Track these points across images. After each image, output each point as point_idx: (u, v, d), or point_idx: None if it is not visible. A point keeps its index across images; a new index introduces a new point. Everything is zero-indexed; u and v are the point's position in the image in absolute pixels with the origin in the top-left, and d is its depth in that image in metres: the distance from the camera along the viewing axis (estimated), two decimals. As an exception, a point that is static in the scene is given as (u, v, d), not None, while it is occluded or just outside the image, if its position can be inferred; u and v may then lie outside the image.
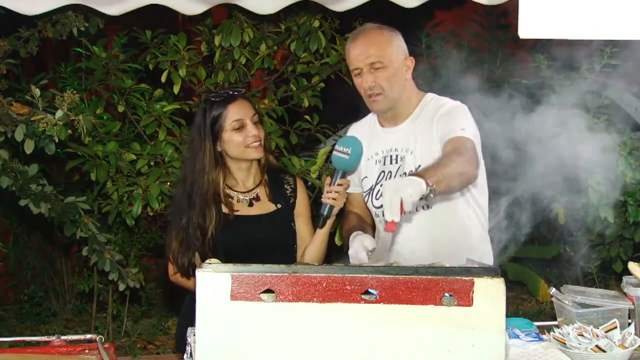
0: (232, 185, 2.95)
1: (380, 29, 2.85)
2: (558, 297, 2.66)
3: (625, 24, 2.75)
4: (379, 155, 2.90)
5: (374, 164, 2.91)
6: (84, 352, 2.49)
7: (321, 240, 2.89)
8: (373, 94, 2.79)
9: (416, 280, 2.01)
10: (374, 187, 2.90)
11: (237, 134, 2.87)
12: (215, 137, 2.88)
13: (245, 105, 2.91)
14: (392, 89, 2.79)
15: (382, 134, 2.92)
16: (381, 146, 2.90)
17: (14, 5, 3.02)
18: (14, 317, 5.91)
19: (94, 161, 4.30)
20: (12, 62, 4.55)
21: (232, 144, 2.87)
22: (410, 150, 2.83)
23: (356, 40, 2.84)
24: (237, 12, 4.44)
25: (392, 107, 2.84)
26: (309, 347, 2.00)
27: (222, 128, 2.87)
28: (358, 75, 2.82)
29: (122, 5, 3.16)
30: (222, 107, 2.87)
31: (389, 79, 2.78)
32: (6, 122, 3.90)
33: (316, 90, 4.81)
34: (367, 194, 2.93)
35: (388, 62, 2.77)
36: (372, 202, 2.91)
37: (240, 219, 2.89)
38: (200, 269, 2.02)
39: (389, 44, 2.80)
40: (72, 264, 5.99)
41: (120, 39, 4.70)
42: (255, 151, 2.89)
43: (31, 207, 4.04)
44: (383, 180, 2.87)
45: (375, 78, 2.77)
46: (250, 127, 2.87)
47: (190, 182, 2.89)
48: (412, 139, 2.83)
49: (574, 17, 2.75)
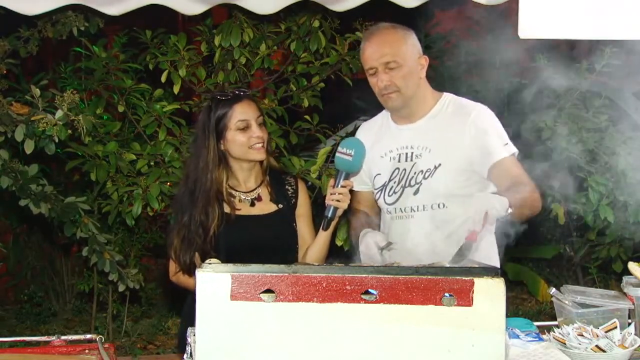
0: (234, 185, 2.95)
1: (394, 28, 2.86)
2: (558, 297, 2.66)
3: (625, 24, 2.75)
4: (393, 152, 2.91)
5: (388, 161, 2.91)
6: (84, 352, 2.49)
7: (324, 242, 2.89)
8: (388, 93, 2.80)
9: (416, 280, 2.01)
10: (387, 184, 2.90)
11: (241, 134, 2.87)
12: (219, 136, 2.88)
13: (251, 105, 2.91)
14: (408, 87, 2.81)
15: (397, 131, 2.93)
16: (395, 143, 2.91)
17: (14, 5, 3.02)
18: (14, 317, 5.91)
19: (94, 161, 4.29)
20: (12, 62, 4.55)
21: (236, 143, 2.88)
22: (428, 148, 2.84)
23: (370, 39, 2.85)
24: (237, 12, 4.44)
25: (406, 104, 2.85)
26: (309, 347, 2.00)
27: (226, 127, 2.87)
28: (373, 75, 2.82)
29: (122, 5, 3.16)
30: (228, 106, 2.88)
31: (404, 78, 2.79)
32: (6, 122, 3.89)
33: (316, 90, 4.81)
34: (380, 191, 2.93)
35: (403, 61, 2.79)
36: (385, 199, 2.91)
37: (242, 218, 2.89)
38: (200, 269, 2.02)
39: (403, 43, 2.82)
40: (72, 264, 5.99)
41: (120, 39, 4.70)
42: (258, 152, 2.89)
43: (31, 207, 4.04)
44: (397, 177, 2.87)
45: (391, 77, 2.78)
46: (255, 128, 2.88)
47: (193, 180, 2.89)
48: (431, 137, 2.84)
49: (574, 17, 2.75)
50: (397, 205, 2.88)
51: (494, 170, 2.76)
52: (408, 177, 2.85)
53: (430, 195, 2.81)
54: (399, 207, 2.87)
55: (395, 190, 2.88)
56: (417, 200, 2.83)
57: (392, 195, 2.89)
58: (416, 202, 2.83)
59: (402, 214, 2.87)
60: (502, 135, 2.82)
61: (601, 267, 5.51)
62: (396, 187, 2.88)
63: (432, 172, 2.82)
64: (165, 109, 4.41)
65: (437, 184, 2.80)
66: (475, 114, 2.83)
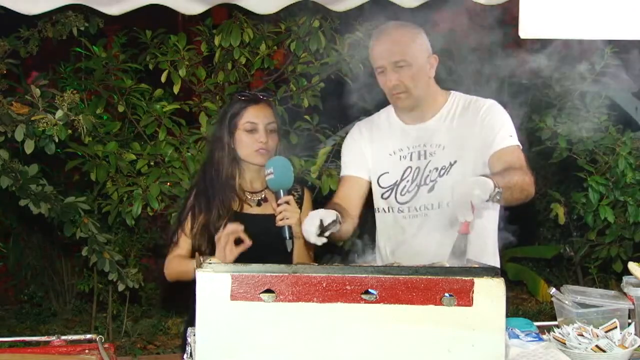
0: (242, 185, 2.98)
1: (403, 26, 2.84)
2: (558, 297, 2.65)
3: (625, 24, 2.75)
4: (404, 151, 2.88)
5: (398, 160, 2.88)
6: (84, 352, 2.49)
7: (302, 259, 2.88)
8: (397, 92, 2.79)
9: (416, 280, 2.01)
10: (398, 183, 2.88)
11: (247, 135, 2.91)
12: (230, 134, 2.93)
13: (265, 110, 2.93)
14: (417, 87, 2.79)
15: (408, 131, 2.90)
16: (406, 142, 2.88)
17: (14, 5, 3.01)
18: (14, 317, 5.91)
19: (94, 161, 4.29)
20: (12, 62, 4.55)
21: (242, 144, 2.92)
22: (442, 145, 2.82)
23: (380, 38, 2.83)
24: (237, 12, 4.44)
25: (416, 104, 2.83)
26: (309, 347, 2.00)
27: (236, 127, 2.92)
28: (382, 74, 2.80)
29: (122, 5, 3.15)
30: (242, 106, 2.93)
31: (413, 77, 2.77)
32: (6, 122, 3.90)
33: (316, 90, 4.81)
34: (390, 190, 2.90)
35: (412, 60, 2.76)
36: (397, 198, 2.89)
37: (247, 216, 2.91)
38: (200, 269, 2.02)
39: (412, 42, 2.79)
40: (72, 264, 5.99)
41: (120, 39, 4.69)
42: (260, 157, 2.91)
43: (31, 207, 4.04)
44: (410, 176, 2.85)
45: (399, 77, 2.76)
46: (262, 133, 2.90)
47: (215, 169, 2.95)
48: (444, 135, 2.83)
49: (574, 17, 2.76)
50: (411, 204, 2.85)
51: (491, 158, 2.73)
52: (423, 175, 2.83)
53: (446, 193, 2.79)
54: (413, 206, 2.85)
55: (409, 190, 2.85)
56: (431, 198, 2.82)
57: (405, 194, 2.86)
58: (431, 200, 2.82)
59: (416, 213, 2.84)
60: (509, 128, 2.79)
61: (601, 267, 5.51)
62: (410, 186, 2.85)
63: (447, 169, 2.80)
64: (165, 109, 4.41)
65: (453, 181, 2.79)
66: (485, 109, 2.82)
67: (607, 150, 4.60)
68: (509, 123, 2.81)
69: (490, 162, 2.74)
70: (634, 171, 4.49)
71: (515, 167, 2.64)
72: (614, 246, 4.80)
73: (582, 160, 4.66)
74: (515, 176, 2.55)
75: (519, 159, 2.71)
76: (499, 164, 2.69)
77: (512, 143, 2.76)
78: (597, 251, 4.93)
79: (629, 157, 4.49)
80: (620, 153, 4.48)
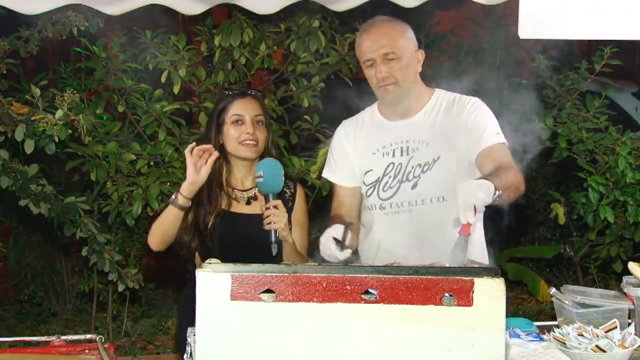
0: (232, 183, 2.97)
1: (391, 21, 2.87)
2: (558, 297, 2.66)
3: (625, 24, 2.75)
4: (386, 147, 2.90)
5: (381, 157, 2.90)
6: (84, 352, 2.49)
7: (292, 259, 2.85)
8: (386, 84, 2.81)
9: (416, 280, 2.01)
10: (380, 179, 2.89)
11: (234, 128, 2.91)
12: (218, 129, 2.94)
13: (251, 103, 2.94)
14: (405, 79, 2.82)
15: (389, 127, 2.92)
16: (388, 139, 2.90)
17: (14, 5, 3.02)
18: (14, 317, 5.90)
19: (94, 161, 4.29)
20: (12, 62, 4.55)
21: (229, 137, 2.92)
22: (425, 142, 2.84)
23: (368, 31, 2.85)
24: (237, 12, 4.44)
25: (403, 97, 2.85)
26: (309, 347, 2.00)
27: (223, 121, 2.93)
28: (370, 67, 2.82)
29: (122, 5, 3.15)
30: (229, 100, 2.94)
31: (402, 70, 2.80)
32: (6, 122, 3.90)
33: (316, 90, 4.81)
34: (372, 187, 2.91)
35: (401, 53, 2.80)
36: (379, 194, 2.89)
37: (237, 215, 2.91)
38: (200, 269, 2.02)
39: (401, 35, 2.83)
40: (72, 264, 5.98)
41: (120, 39, 4.69)
42: (249, 150, 2.91)
43: (31, 207, 4.04)
44: (392, 172, 2.87)
45: (389, 69, 2.79)
46: (249, 125, 2.90)
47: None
48: (427, 131, 2.84)
49: (573, 17, 2.76)
50: (393, 200, 2.86)
51: (480, 157, 2.75)
52: (405, 172, 2.85)
53: (429, 189, 2.81)
54: (395, 202, 2.86)
55: (390, 185, 2.86)
56: (414, 195, 2.83)
57: (387, 190, 2.87)
58: (414, 197, 2.83)
59: (398, 209, 2.85)
60: (495, 125, 2.82)
61: (601, 267, 5.51)
62: (392, 182, 2.86)
63: (430, 165, 2.82)
64: (165, 109, 4.41)
65: (436, 178, 2.80)
66: (470, 106, 2.84)
67: (607, 150, 4.60)
68: (494, 120, 2.83)
69: (478, 160, 2.76)
70: (634, 171, 4.49)
71: (506, 166, 2.65)
72: (614, 246, 4.80)
73: (582, 160, 4.66)
74: (509, 176, 2.57)
75: (507, 156, 2.74)
76: (489, 162, 2.70)
77: (500, 140, 2.78)
78: (597, 251, 4.93)
79: (629, 157, 4.49)
80: (620, 153, 4.48)
